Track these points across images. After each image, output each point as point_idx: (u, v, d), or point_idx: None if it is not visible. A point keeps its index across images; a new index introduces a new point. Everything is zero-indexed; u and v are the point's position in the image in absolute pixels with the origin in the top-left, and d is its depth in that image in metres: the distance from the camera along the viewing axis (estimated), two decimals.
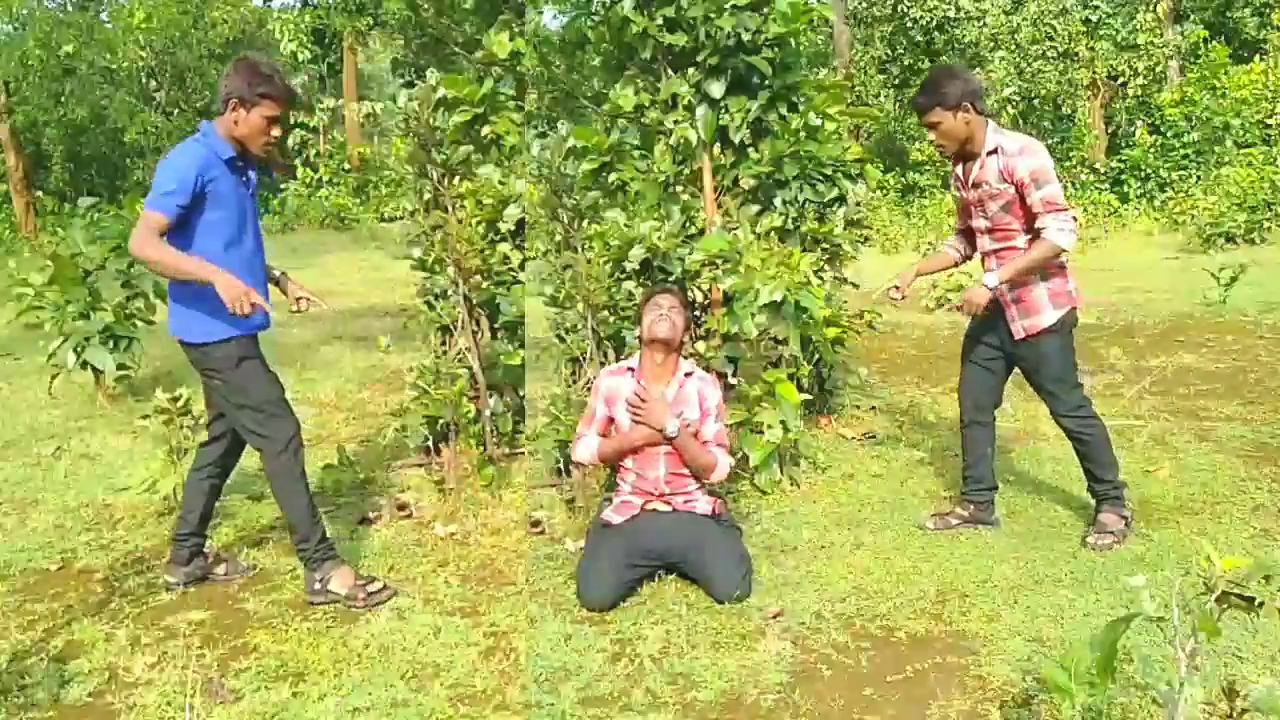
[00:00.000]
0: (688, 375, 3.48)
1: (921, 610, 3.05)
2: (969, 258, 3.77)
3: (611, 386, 3.49)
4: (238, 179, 3.14)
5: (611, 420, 3.47)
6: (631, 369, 3.50)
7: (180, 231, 3.01)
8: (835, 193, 4.79)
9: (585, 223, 4.31)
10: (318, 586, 3.21)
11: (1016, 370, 3.64)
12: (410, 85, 4.53)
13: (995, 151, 3.37)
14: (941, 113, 3.37)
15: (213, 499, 3.43)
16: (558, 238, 4.36)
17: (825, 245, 4.87)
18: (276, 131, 3.15)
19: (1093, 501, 3.59)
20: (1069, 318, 3.43)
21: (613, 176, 4.66)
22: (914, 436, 4.89)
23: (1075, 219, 3.34)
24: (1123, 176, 16.92)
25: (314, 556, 3.22)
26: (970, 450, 3.74)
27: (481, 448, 4.28)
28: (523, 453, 4.61)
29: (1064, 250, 3.30)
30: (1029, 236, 3.38)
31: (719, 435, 3.47)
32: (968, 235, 3.69)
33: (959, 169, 3.55)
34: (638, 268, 4.40)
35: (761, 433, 4.06)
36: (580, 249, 4.22)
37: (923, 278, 4.02)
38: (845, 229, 4.94)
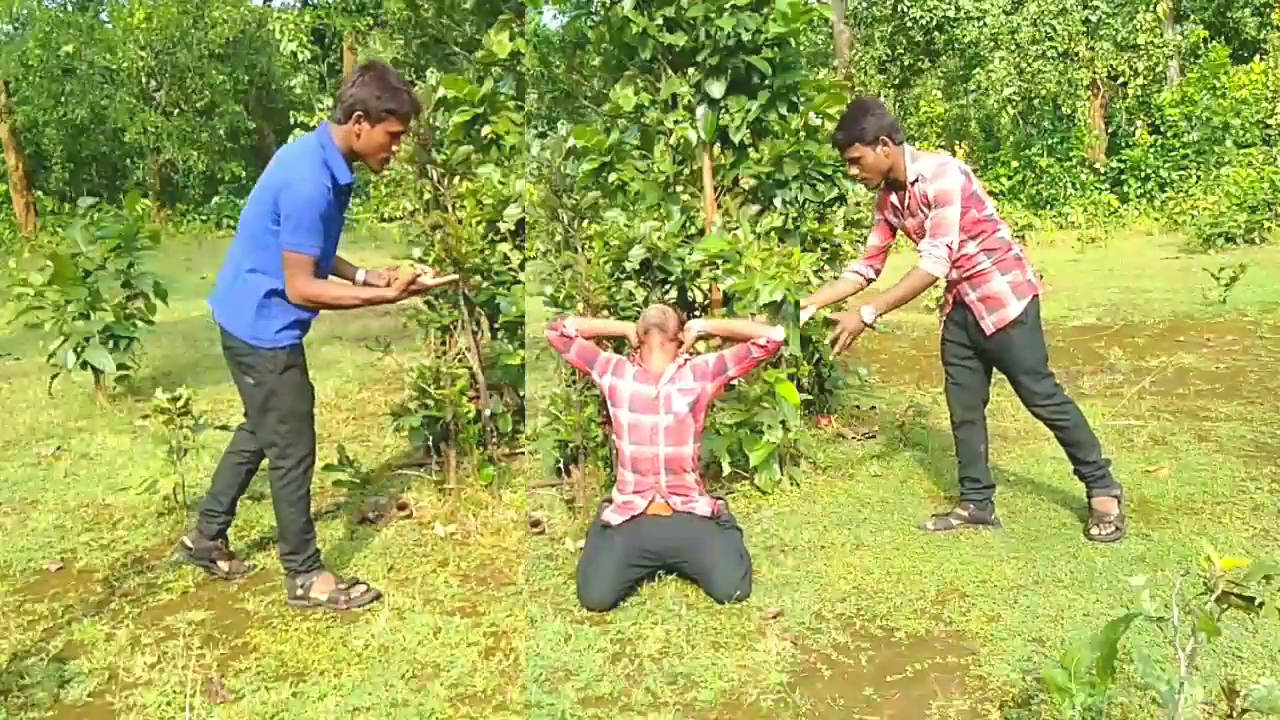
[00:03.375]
0: (686, 359, 3.53)
1: (921, 610, 3.05)
2: (874, 278, 3.80)
3: (617, 357, 3.58)
4: (341, 200, 3.10)
5: (597, 350, 3.58)
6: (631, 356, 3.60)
7: (272, 246, 2.97)
8: (835, 193, 4.79)
9: (585, 223, 4.31)
10: (299, 593, 3.21)
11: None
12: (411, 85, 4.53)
13: (918, 180, 3.46)
14: (861, 148, 3.45)
15: (244, 483, 3.44)
16: (558, 238, 4.36)
17: (825, 245, 4.87)
18: (397, 147, 3.10)
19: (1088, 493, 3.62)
20: (1033, 306, 3.51)
21: (613, 176, 4.66)
22: (914, 436, 4.89)
23: (950, 246, 3.38)
24: (1123, 176, 16.93)
25: (298, 568, 3.22)
26: (964, 451, 3.76)
27: (481, 448, 4.28)
28: (523, 453, 4.61)
29: (935, 277, 3.42)
30: (978, 244, 3.46)
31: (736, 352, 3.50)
32: (879, 256, 3.75)
33: (893, 198, 3.62)
34: (638, 268, 4.40)
35: (761, 433, 4.06)
36: (580, 249, 4.22)
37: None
38: (845, 229, 4.94)
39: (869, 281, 3.78)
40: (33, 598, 3.32)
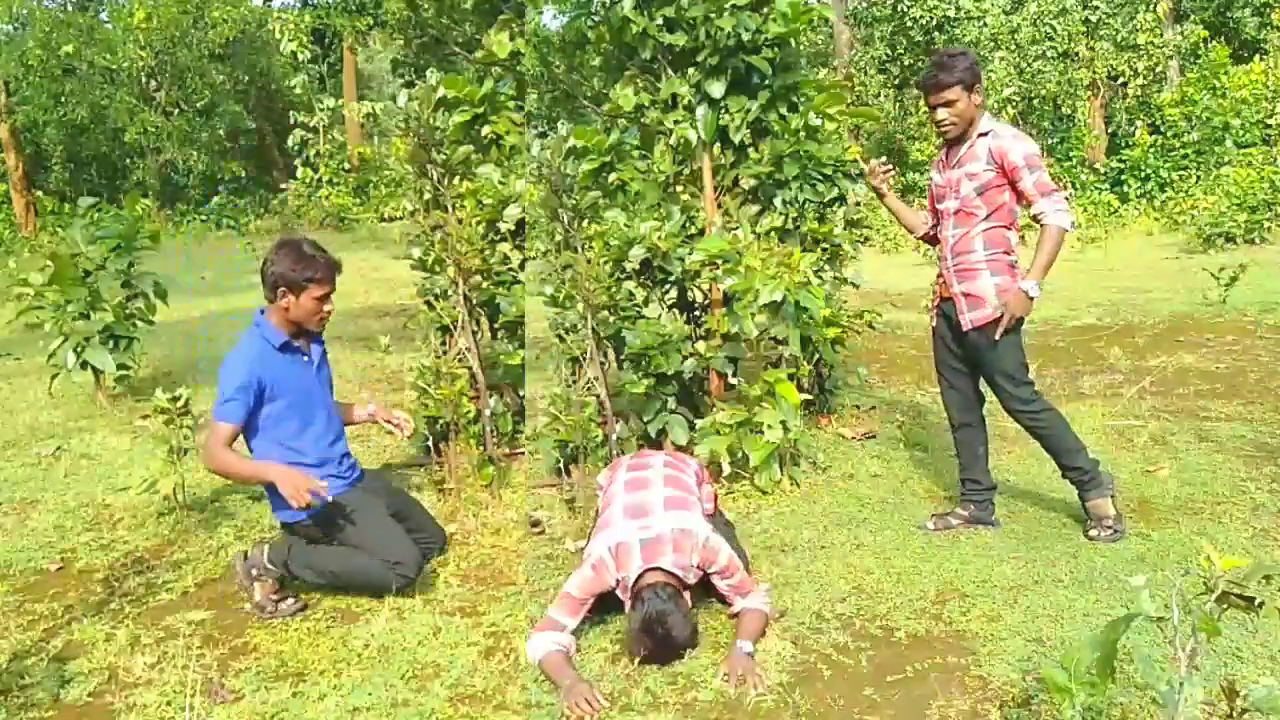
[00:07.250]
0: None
1: (921, 610, 3.05)
2: (929, 234, 3.79)
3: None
4: (298, 359, 3.26)
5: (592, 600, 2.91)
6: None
7: (249, 425, 3.15)
8: (835, 193, 4.79)
9: (585, 223, 4.32)
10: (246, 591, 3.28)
11: None
12: (410, 85, 4.54)
13: (987, 134, 3.43)
14: (960, 91, 3.40)
15: None
16: (558, 238, 4.36)
17: (825, 245, 4.87)
18: (329, 306, 3.27)
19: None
20: None
21: (613, 176, 4.66)
22: (914, 436, 4.89)
23: (1067, 199, 3.37)
24: (1123, 176, 16.93)
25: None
26: (964, 453, 3.77)
27: (481, 448, 4.28)
28: (523, 453, 4.61)
29: (1067, 229, 3.37)
30: (987, 226, 3.45)
31: (740, 586, 2.98)
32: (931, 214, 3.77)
33: (944, 152, 3.61)
34: (638, 268, 4.40)
35: (761, 433, 4.06)
36: (580, 249, 4.22)
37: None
38: (845, 229, 4.94)
39: (927, 233, 3.78)
40: (33, 598, 3.32)
